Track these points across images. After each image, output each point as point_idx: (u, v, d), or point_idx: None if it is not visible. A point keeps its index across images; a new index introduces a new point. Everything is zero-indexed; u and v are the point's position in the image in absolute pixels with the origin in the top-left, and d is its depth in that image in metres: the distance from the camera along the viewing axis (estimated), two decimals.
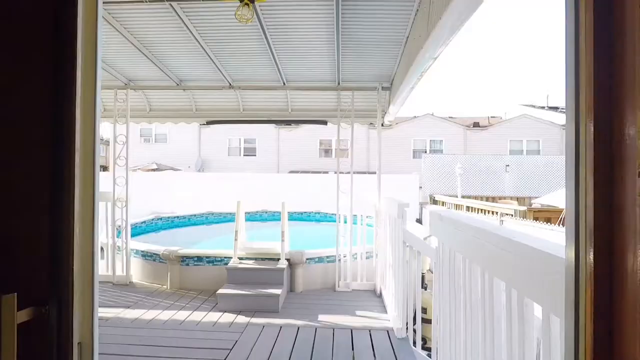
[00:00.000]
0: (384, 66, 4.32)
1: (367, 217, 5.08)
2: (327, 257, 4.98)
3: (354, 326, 3.67)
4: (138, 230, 7.38)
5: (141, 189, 10.22)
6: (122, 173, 5.02)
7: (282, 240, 4.69)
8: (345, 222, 5.03)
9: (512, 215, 6.52)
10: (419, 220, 11.11)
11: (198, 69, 4.50)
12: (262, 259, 4.77)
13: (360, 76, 4.66)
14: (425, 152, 23.23)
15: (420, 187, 14.40)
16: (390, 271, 4.08)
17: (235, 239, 4.67)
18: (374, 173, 5.11)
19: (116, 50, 4.02)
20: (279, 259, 4.67)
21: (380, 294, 4.64)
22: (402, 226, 3.34)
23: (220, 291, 4.17)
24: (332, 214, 8.29)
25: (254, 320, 3.80)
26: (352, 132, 4.96)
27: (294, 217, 9.45)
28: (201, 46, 3.86)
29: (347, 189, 4.95)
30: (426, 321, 3.84)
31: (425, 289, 4.41)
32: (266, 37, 3.64)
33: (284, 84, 4.83)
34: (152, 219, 8.14)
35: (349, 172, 4.93)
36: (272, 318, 3.86)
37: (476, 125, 25.24)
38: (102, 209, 5.15)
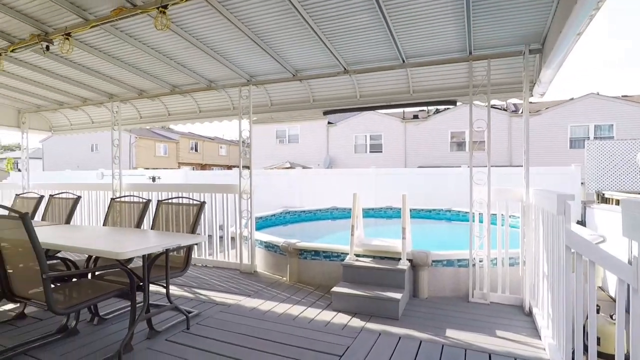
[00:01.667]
0: (532, 21, 3.36)
1: (510, 216, 4.12)
2: (459, 260, 4.22)
3: (493, 350, 2.91)
4: (268, 223, 7.81)
5: (274, 185, 10.96)
6: (257, 171, 5.24)
7: (403, 238, 4.16)
8: (481, 221, 4.18)
9: None
10: (581, 223, 8.95)
11: (312, 56, 4.32)
12: (381, 258, 4.32)
13: (498, 39, 3.76)
14: (588, 139, 19.00)
15: (583, 183, 11.69)
16: (544, 284, 3.14)
17: (352, 234, 4.35)
18: (519, 166, 4.12)
19: (235, 45, 4.13)
20: (399, 259, 4.16)
21: (530, 311, 3.67)
22: (564, 226, 2.45)
23: (335, 289, 3.89)
24: (466, 212, 7.29)
25: (370, 325, 3.39)
26: (488, 111, 4.08)
27: (422, 214, 8.72)
28: (312, 28, 3.64)
29: (483, 181, 4.10)
30: (602, 356, 2.85)
31: (598, 312, 3.30)
32: (378, 3, 3.18)
33: (404, 61, 4.27)
34: (281, 213, 8.51)
35: (485, 166, 4.07)
36: (390, 326, 3.38)
37: None
38: (230, 201, 5.51)
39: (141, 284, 3.01)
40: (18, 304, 3.69)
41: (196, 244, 3.51)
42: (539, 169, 8.54)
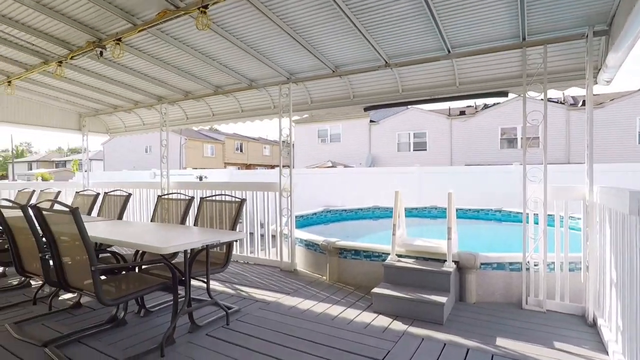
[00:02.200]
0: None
1: (570, 217, 3.75)
2: (511, 263, 3.92)
3: None
4: (310, 221, 7.80)
5: (315, 184, 10.96)
6: (299, 170, 5.24)
7: (449, 239, 3.93)
8: (536, 221, 3.85)
9: None
10: None
11: (351, 50, 4.21)
12: (425, 259, 4.12)
13: (557, 22, 3.42)
14: None
15: None
16: (613, 292, 2.81)
17: (393, 234, 4.18)
18: (578, 164, 3.73)
19: (274, 43, 4.13)
20: (444, 261, 3.94)
21: (594, 322, 3.31)
22: (637, 226, 2.16)
23: (376, 290, 3.76)
24: (518, 213, 6.80)
25: (412, 329, 3.23)
26: (545, 102, 3.74)
27: (469, 215, 8.31)
28: (351, 21, 3.54)
29: (538, 178, 3.76)
30: None
31: None
32: None
33: (449, 51, 4.04)
34: (322, 211, 8.47)
35: (540, 163, 3.73)
36: (434, 331, 3.19)
37: None
38: (271, 199, 5.55)
39: (183, 278, 3.08)
40: (75, 294, 3.94)
41: (236, 241, 3.54)
42: (602, 166, 7.78)
